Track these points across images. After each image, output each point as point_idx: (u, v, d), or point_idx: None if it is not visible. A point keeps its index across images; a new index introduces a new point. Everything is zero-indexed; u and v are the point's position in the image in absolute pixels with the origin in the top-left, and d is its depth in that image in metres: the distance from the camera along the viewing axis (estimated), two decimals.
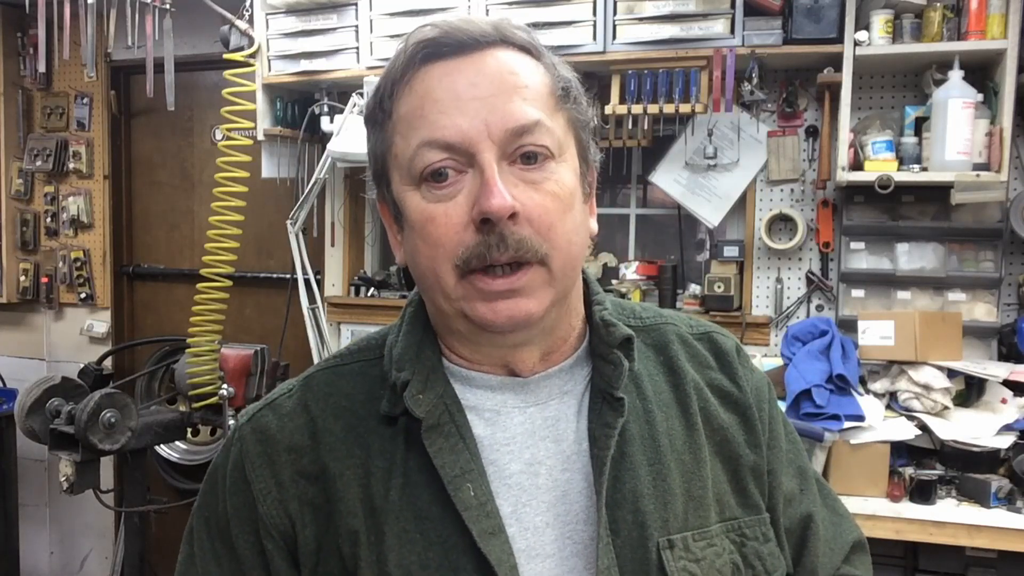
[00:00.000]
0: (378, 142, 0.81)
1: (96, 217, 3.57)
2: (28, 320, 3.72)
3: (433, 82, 0.75)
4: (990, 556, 2.03)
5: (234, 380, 2.69)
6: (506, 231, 0.72)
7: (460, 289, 0.75)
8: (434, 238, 0.74)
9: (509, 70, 0.75)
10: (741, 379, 0.89)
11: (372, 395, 0.82)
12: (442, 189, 0.74)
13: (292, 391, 0.85)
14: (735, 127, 2.64)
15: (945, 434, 2.15)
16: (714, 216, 2.69)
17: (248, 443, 0.82)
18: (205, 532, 0.84)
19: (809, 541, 0.89)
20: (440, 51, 0.75)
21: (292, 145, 2.99)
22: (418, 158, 0.74)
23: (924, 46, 2.32)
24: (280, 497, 0.79)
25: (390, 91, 0.78)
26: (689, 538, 0.79)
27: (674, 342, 0.89)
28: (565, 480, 0.79)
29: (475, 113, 0.73)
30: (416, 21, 2.62)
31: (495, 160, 0.73)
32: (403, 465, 0.78)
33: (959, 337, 2.30)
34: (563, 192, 0.75)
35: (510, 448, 0.79)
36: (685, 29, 2.42)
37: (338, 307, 3.13)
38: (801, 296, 2.66)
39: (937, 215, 2.48)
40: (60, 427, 2.55)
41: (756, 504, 0.85)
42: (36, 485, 3.73)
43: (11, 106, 3.56)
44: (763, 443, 0.87)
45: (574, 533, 0.78)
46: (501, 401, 0.81)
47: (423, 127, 0.74)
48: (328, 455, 0.79)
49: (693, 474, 0.81)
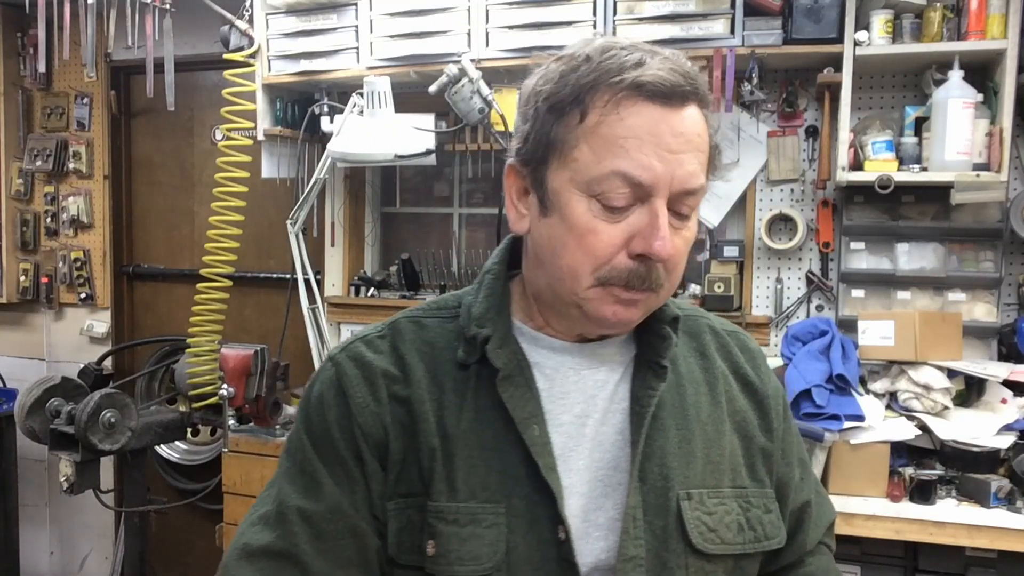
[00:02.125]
0: (553, 128, 0.86)
1: (96, 217, 3.57)
2: (28, 320, 3.72)
3: (643, 121, 0.83)
4: (990, 556, 2.03)
5: (234, 380, 2.69)
6: (654, 268, 0.85)
7: (594, 292, 0.87)
8: (590, 247, 0.85)
9: (698, 132, 0.85)
10: (763, 375, 1.04)
11: (449, 345, 0.95)
12: (614, 212, 0.84)
13: (383, 332, 0.98)
14: (735, 127, 2.64)
15: (945, 434, 2.15)
16: (714, 216, 2.69)
17: (345, 366, 0.95)
18: (309, 441, 0.94)
19: (804, 523, 1.05)
20: (653, 96, 0.83)
21: (292, 145, 2.99)
22: (606, 183, 0.83)
23: (924, 46, 2.32)
24: (377, 411, 0.92)
25: (589, 88, 0.84)
26: (704, 494, 0.92)
27: (707, 332, 1.04)
28: (602, 432, 0.93)
29: (667, 163, 0.83)
30: (416, 21, 2.65)
31: (664, 206, 0.84)
32: (474, 403, 0.92)
33: (959, 337, 2.29)
34: (692, 237, 0.89)
35: (564, 401, 0.93)
36: (685, 29, 2.42)
37: (338, 307, 3.13)
38: (801, 296, 2.66)
39: (937, 215, 2.48)
40: (60, 427, 2.55)
41: (762, 480, 0.98)
42: (36, 485, 3.73)
43: (11, 106, 3.56)
44: (776, 433, 1.01)
45: (605, 476, 0.91)
46: (560, 362, 0.95)
47: (622, 158, 0.82)
48: (413, 385, 0.93)
49: (713, 442, 0.95)
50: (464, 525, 0.88)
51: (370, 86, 2.50)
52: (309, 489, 0.92)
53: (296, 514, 0.91)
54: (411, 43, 2.65)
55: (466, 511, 0.88)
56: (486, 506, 0.88)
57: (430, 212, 3.30)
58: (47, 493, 3.75)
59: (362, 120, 2.56)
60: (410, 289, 3.04)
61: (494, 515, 0.88)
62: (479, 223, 3.22)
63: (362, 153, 2.56)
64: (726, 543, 0.92)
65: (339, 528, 0.91)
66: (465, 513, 0.88)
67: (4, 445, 3.41)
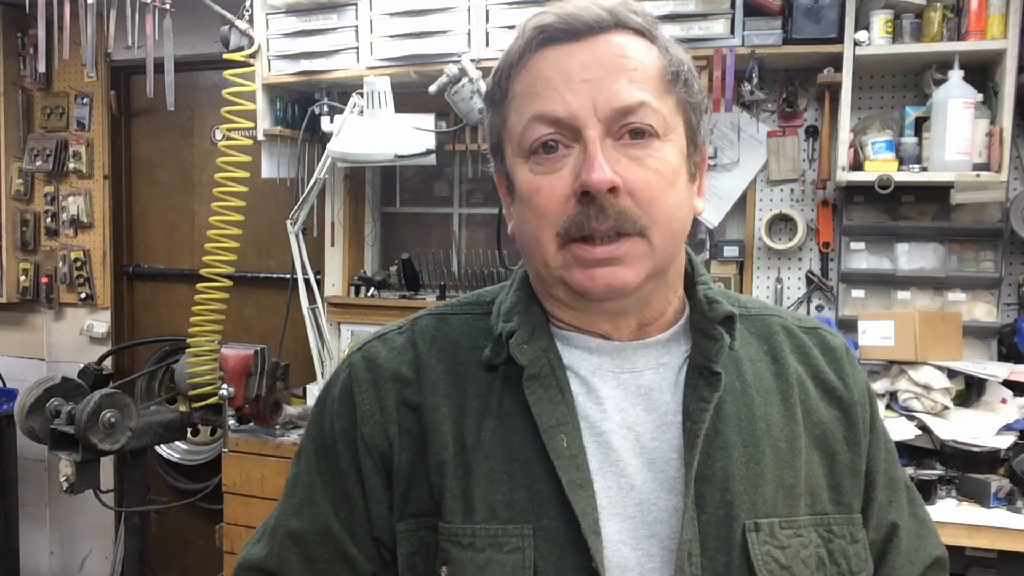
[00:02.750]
0: (495, 118, 0.85)
1: (96, 217, 3.57)
2: (28, 320, 3.72)
3: (547, 63, 0.79)
4: (990, 556, 2.03)
5: (234, 380, 2.69)
6: (606, 203, 0.75)
7: (560, 257, 0.79)
8: (539, 207, 0.78)
9: (620, 53, 0.78)
10: (848, 377, 0.89)
11: (475, 344, 0.86)
12: (549, 162, 0.78)
13: (403, 329, 0.91)
14: (735, 127, 2.64)
15: (945, 434, 2.15)
16: (714, 216, 2.69)
17: (357, 369, 0.88)
18: (313, 451, 0.90)
19: (890, 553, 0.89)
20: (556, 36, 0.79)
21: (292, 145, 2.99)
22: (528, 131, 0.79)
23: (924, 46, 2.32)
24: (383, 420, 0.85)
25: (507, 73, 0.83)
26: (776, 524, 0.79)
27: (779, 333, 0.90)
28: (654, 448, 0.80)
29: (584, 93, 0.76)
30: (416, 21, 2.65)
31: (599, 137, 0.76)
32: (497, 409, 0.82)
33: (959, 337, 2.29)
34: (666, 169, 0.78)
35: (603, 408, 0.82)
36: (685, 29, 2.41)
37: (338, 307, 3.13)
38: (801, 296, 2.66)
39: (937, 215, 2.48)
40: (60, 427, 2.55)
41: (848, 503, 0.85)
42: (36, 485, 3.73)
43: (11, 106, 3.56)
44: (863, 444, 0.88)
45: (659, 500, 0.79)
46: (597, 363, 0.84)
47: (535, 102, 0.78)
48: (428, 389, 0.84)
49: (787, 462, 0.82)
50: (481, 550, 0.77)
51: (370, 86, 2.50)
52: (303, 506, 0.88)
53: (286, 532, 0.88)
54: (411, 43, 2.64)
55: (484, 533, 0.78)
56: (508, 527, 0.77)
57: (430, 212, 3.30)
58: (47, 493, 3.75)
59: (362, 120, 2.56)
60: (410, 289, 3.04)
61: (518, 538, 0.77)
62: (479, 223, 3.22)
63: (362, 153, 2.56)
64: None
65: (328, 552, 0.86)
66: (483, 536, 0.78)
67: (4, 445, 3.41)
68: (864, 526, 0.86)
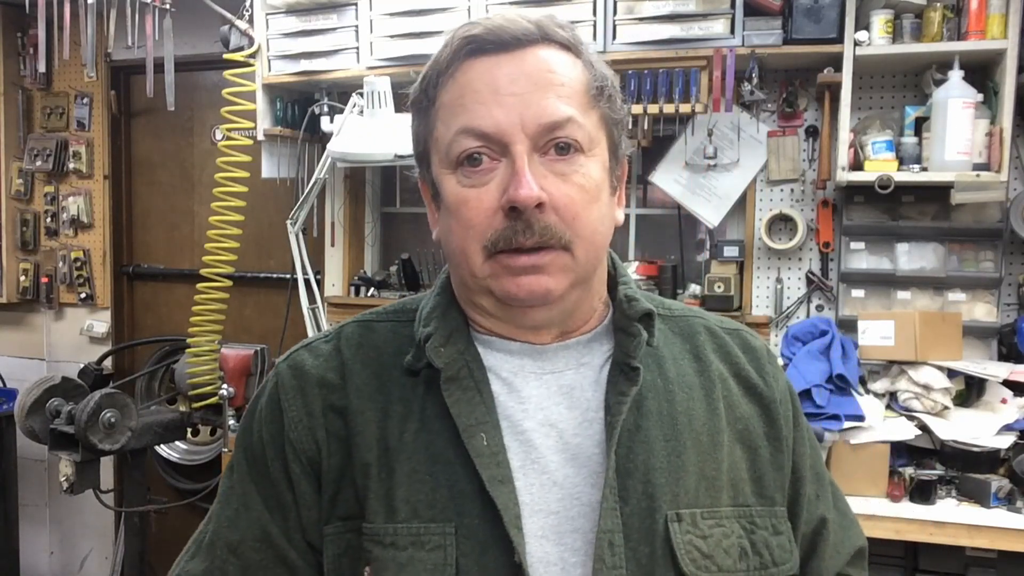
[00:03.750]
0: (421, 126, 0.86)
1: (96, 217, 3.57)
2: (28, 320, 3.72)
3: (475, 75, 0.80)
4: (990, 556, 2.03)
5: (234, 380, 2.69)
6: (532, 218, 0.77)
7: (487, 268, 0.80)
8: (466, 220, 0.79)
9: (547, 68, 0.79)
10: (768, 375, 0.93)
11: (399, 351, 0.87)
12: (476, 175, 0.79)
13: (329, 337, 0.92)
14: (735, 127, 2.64)
15: (945, 434, 2.15)
16: (714, 216, 2.69)
17: (284, 377, 0.89)
18: (244, 461, 0.90)
19: (819, 545, 0.93)
20: (484, 47, 0.80)
21: (292, 145, 2.99)
22: (456, 144, 0.79)
23: (924, 46, 2.32)
24: (310, 425, 0.85)
25: (435, 81, 0.83)
26: (698, 515, 0.81)
27: (701, 333, 0.93)
28: (576, 444, 0.83)
29: (511, 107, 0.77)
30: (416, 21, 2.65)
31: (527, 152, 0.78)
32: (420, 412, 0.83)
33: (959, 337, 2.30)
34: (589, 184, 0.80)
35: (525, 407, 0.84)
36: (685, 29, 2.41)
37: (338, 307, 3.13)
38: (801, 296, 2.66)
39: (937, 215, 2.48)
40: (60, 427, 2.56)
41: (771, 496, 0.88)
42: (36, 485, 3.73)
43: (11, 106, 3.56)
44: (786, 441, 0.91)
45: (581, 495, 0.81)
46: (519, 365, 0.85)
47: (462, 115, 0.79)
48: (354, 394, 0.85)
49: (708, 455, 0.84)
50: (403, 548, 0.79)
51: (370, 86, 2.50)
52: (239, 514, 0.88)
53: (224, 544, 0.87)
54: (411, 43, 2.64)
55: (406, 532, 0.79)
56: (431, 526, 0.79)
57: None
58: (47, 493, 3.75)
59: (362, 120, 2.56)
60: (410, 289, 3.04)
61: (440, 535, 0.78)
62: None
63: (362, 153, 2.56)
64: (724, 571, 0.81)
65: (268, 558, 0.85)
66: (405, 535, 0.79)
67: (4, 445, 3.41)
68: (795, 520, 0.90)
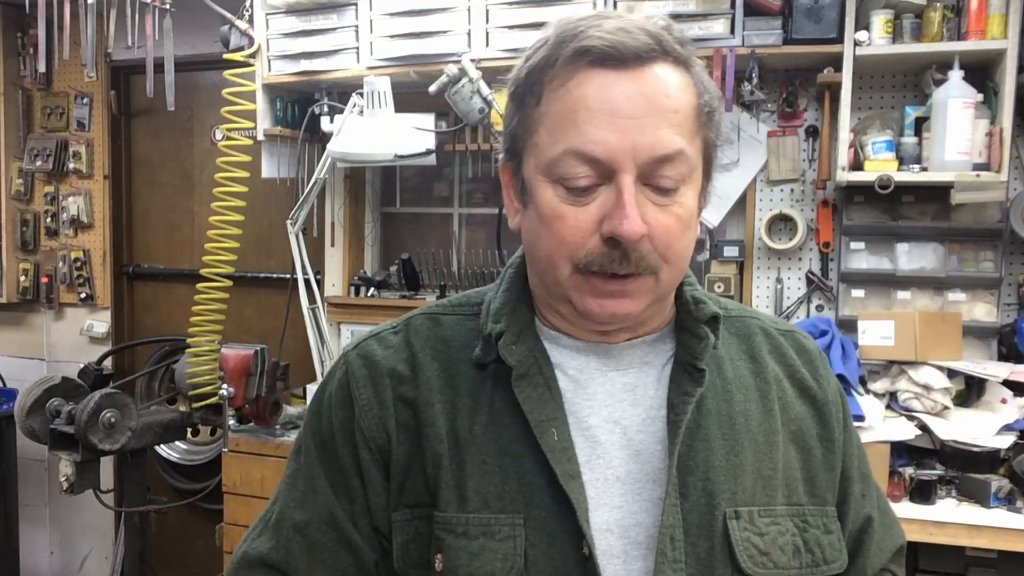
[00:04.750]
0: (519, 121, 0.83)
1: (96, 217, 3.57)
2: (28, 320, 3.72)
3: (591, 90, 0.77)
4: (990, 556, 2.03)
5: (234, 380, 2.69)
6: (630, 249, 0.77)
7: (573, 281, 0.81)
8: (560, 235, 0.79)
9: (664, 92, 0.77)
10: (822, 378, 0.94)
11: (467, 344, 0.89)
12: (576, 193, 0.78)
13: (397, 328, 0.93)
14: (735, 127, 2.64)
15: (945, 434, 2.15)
16: (714, 216, 2.69)
17: (354, 365, 0.90)
18: (313, 445, 0.91)
19: (865, 543, 0.95)
20: (604, 60, 0.77)
21: (292, 145, 2.99)
22: (562, 164, 0.78)
23: (924, 46, 2.32)
24: (380, 414, 0.87)
25: (542, 79, 0.80)
26: (755, 512, 0.83)
27: (757, 334, 0.94)
28: (639, 441, 0.84)
29: (625, 132, 0.76)
30: (416, 21, 2.64)
31: (633, 182, 0.77)
32: (489, 405, 0.85)
33: (959, 337, 2.30)
34: (686, 215, 0.80)
35: (590, 404, 0.85)
36: (685, 29, 2.40)
37: (338, 307, 3.13)
38: (801, 296, 2.66)
39: (937, 215, 2.48)
40: (60, 427, 2.56)
41: (823, 496, 0.89)
42: (36, 485, 3.73)
43: (11, 106, 3.56)
44: (837, 442, 0.92)
45: (643, 491, 0.83)
46: (585, 362, 0.87)
47: (573, 133, 0.77)
48: (423, 386, 0.87)
49: (764, 455, 0.86)
50: (474, 538, 0.81)
51: (370, 86, 2.50)
52: (307, 496, 0.90)
53: (291, 524, 0.89)
54: (411, 43, 2.64)
55: (477, 522, 0.81)
56: (501, 517, 0.81)
57: (430, 212, 3.30)
58: (47, 493, 3.75)
59: (362, 120, 2.56)
60: (410, 289, 3.04)
61: (510, 527, 0.80)
62: (479, 223, 3.22)
63: (362, 153, 2.56)
64: (780, 567, 0.83)
65: (333, 540, 0.88)
66: (476, 524, 0.81)
67: (4, 445, 3.41)
68: (843, 519, 0.91)
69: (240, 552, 0.94)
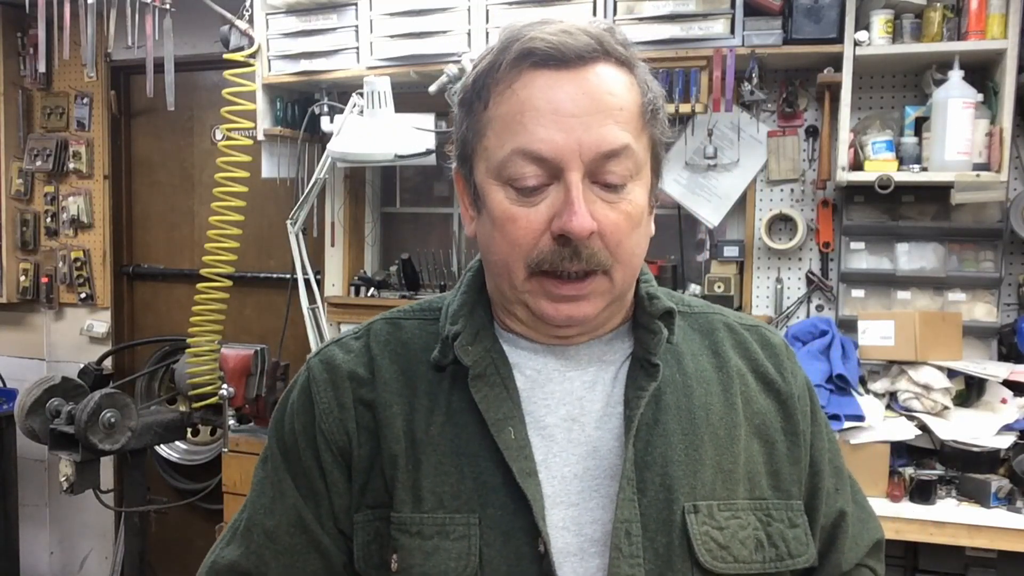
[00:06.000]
0: (468, 127, 0.85)
1: (96, 217, 3.57)
2: (28, 320, 3.72)
3: (535, 91, 0.78)
4: (990, 556, 2.03)
5: (234, 380, 2.69)
6: (581, 246, 0.78)
7: (528, 284, 0.82)
8: (512, 237, 0.80)
9: (608, 90, 0.79)
10: (786, 371, 0.94)
11: (426, 347, 0.90)
12: (526, 193, 0.80)
13: (359, 334, 0.94)
14: (735, 127, 2.64)
15: (945, 434, 2.15)
16: (714, 216, 2.69)
17: (316, 370, 0.92)
18: (278, 452, 0.92)
19: (838, 538, 0.94)
20: (547, 61, 0.78)
21: (292, 145, 2.99)
22: (511, 165, 0.79)
23: (924, 46, 2.32)
24: (341, 416, 0.88)
25: (487, 82, 0.82)
26: (715, 506, 0.83)
27: (720, 329, 0.95)
28: (597, 437, 0.85)
29: (571, 130, 0.77)
30: (416, 21, 2.65)
31: (581, 179, 0.78)
32: (446, 406, 0.86)
33: (959, 337, 2.30)
34: (635, 211, 0.81)
35: (547, 403, 0.86)
36: (685, 29, 2.41)
37: (338, 307, 3.13)
38: (801, 296, 2.66)
39: (937, 215, 2.48)
40: (60, 427, 2.56)
41: (787, 490, 0.89)
42: (36, 485, 3.73)
43: (11, 106, 3.56)
44: (803, 436, 0.92)
45: (601, 487, 0.83)
46: (543, 363, 0.88)
47: (520, 134, 0.78)
48: (382, 387, 0.88)
49: (725, 449, 0.86)
50: (429, 537, 0.81)
51: (370, 86, 2.50)
52: (275, 502, 0.90)
53: (261, 531, 0.90)
54: (411, 43, 2.65)
55: (431, 522, 0.82)
56: (455, 516, 0.82)
57: (430, 212, 3.30)
58: (47, 493, 3.75)
59: (362, 120, 2.56)
60: (410, 289, 3.04)
61: (464, 526, 0.81)
62: None
63: (362, 153, 2.56)
64: (740, 562, 0.83)
65: (302, 542, 0.88)
66: (430, 524, 0.82)
67: (4, 445, 3.41)
68: (814, 513, 0.91)
69: (209, 562, 0.93)
